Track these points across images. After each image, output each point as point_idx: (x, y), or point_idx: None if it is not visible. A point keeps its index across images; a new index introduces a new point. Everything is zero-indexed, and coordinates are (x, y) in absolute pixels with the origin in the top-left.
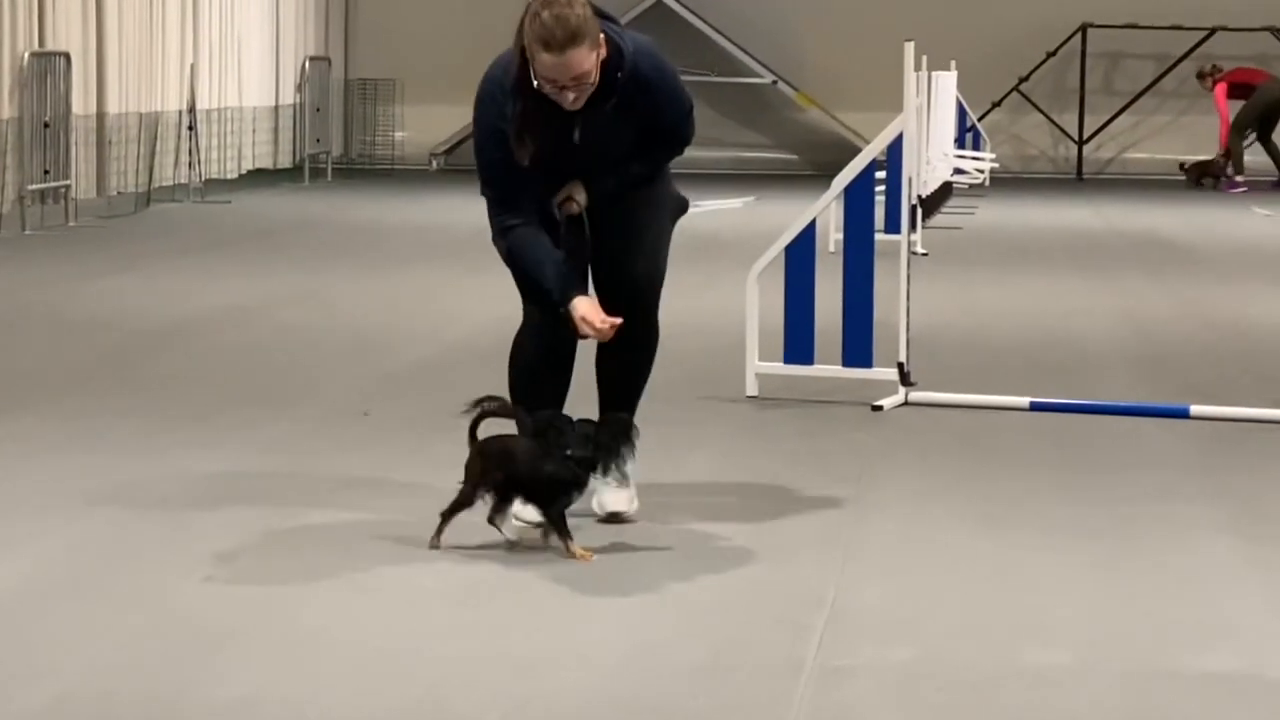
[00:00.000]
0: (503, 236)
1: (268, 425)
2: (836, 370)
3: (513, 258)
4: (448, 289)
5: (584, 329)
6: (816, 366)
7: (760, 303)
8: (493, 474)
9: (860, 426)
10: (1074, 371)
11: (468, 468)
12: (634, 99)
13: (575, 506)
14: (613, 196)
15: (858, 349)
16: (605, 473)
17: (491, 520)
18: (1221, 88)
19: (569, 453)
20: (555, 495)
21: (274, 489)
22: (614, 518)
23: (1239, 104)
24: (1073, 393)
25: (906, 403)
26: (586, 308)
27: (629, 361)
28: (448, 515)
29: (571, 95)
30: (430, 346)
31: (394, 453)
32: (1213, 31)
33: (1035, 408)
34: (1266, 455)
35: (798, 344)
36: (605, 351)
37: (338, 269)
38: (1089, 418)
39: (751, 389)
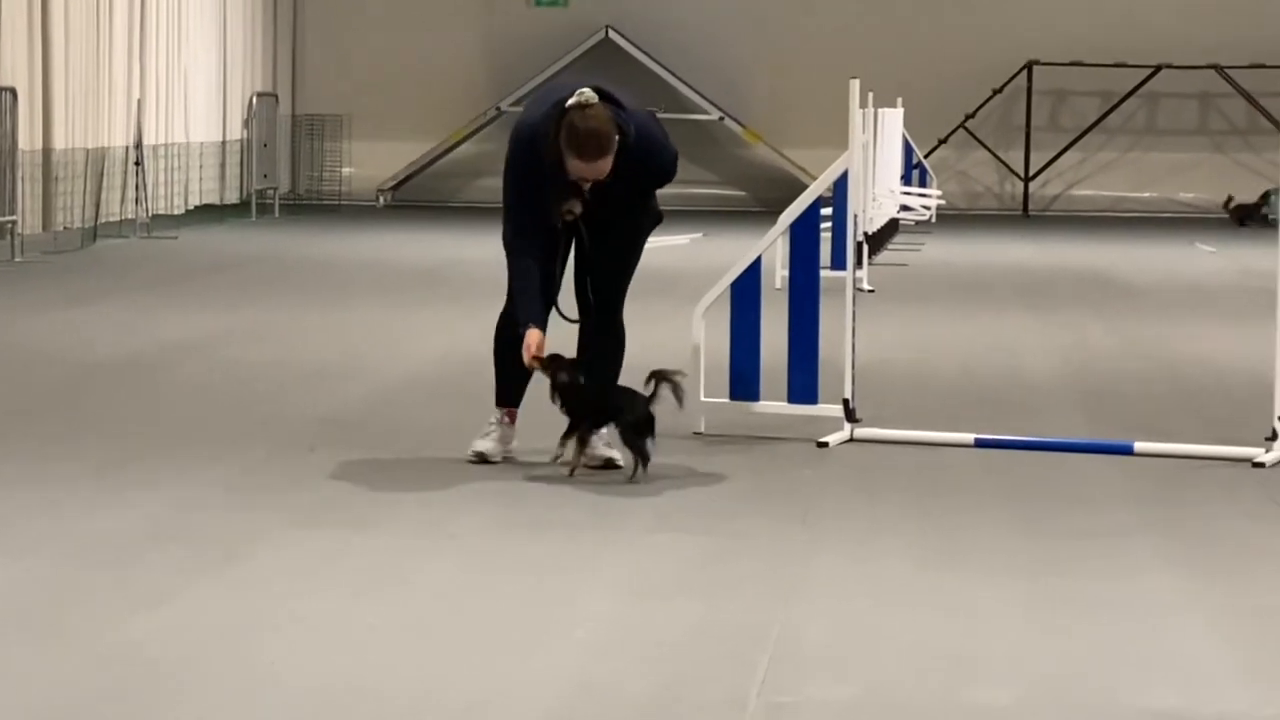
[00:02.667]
0: (511, 261)
1: (214, 461)
2: (782, 407)
3: (511, 279)
4: (394, 324)
5: (524, 352)
6: (762, 403)
7: (707, 339)
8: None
9: (806, 463)
10: (1019, 408)
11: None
12: (633, 167)
13: None
14: (609, 218)
15: (803, 385)
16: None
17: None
18: None
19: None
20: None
21: (221, 525)
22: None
23: None
24: (1018, 429)
25: (852, 439)
26: (533, 339)
27: (604, 347)
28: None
29: (589, 184)
30: (376, 382)
31: (340, 489)
32: (1157, 69)
33: (980, 444)
34: (1210, 492)
35: (744, 380)
36: (584, 341)
37: (284, 304)
38: (1034, 454)
39: (698, 425)
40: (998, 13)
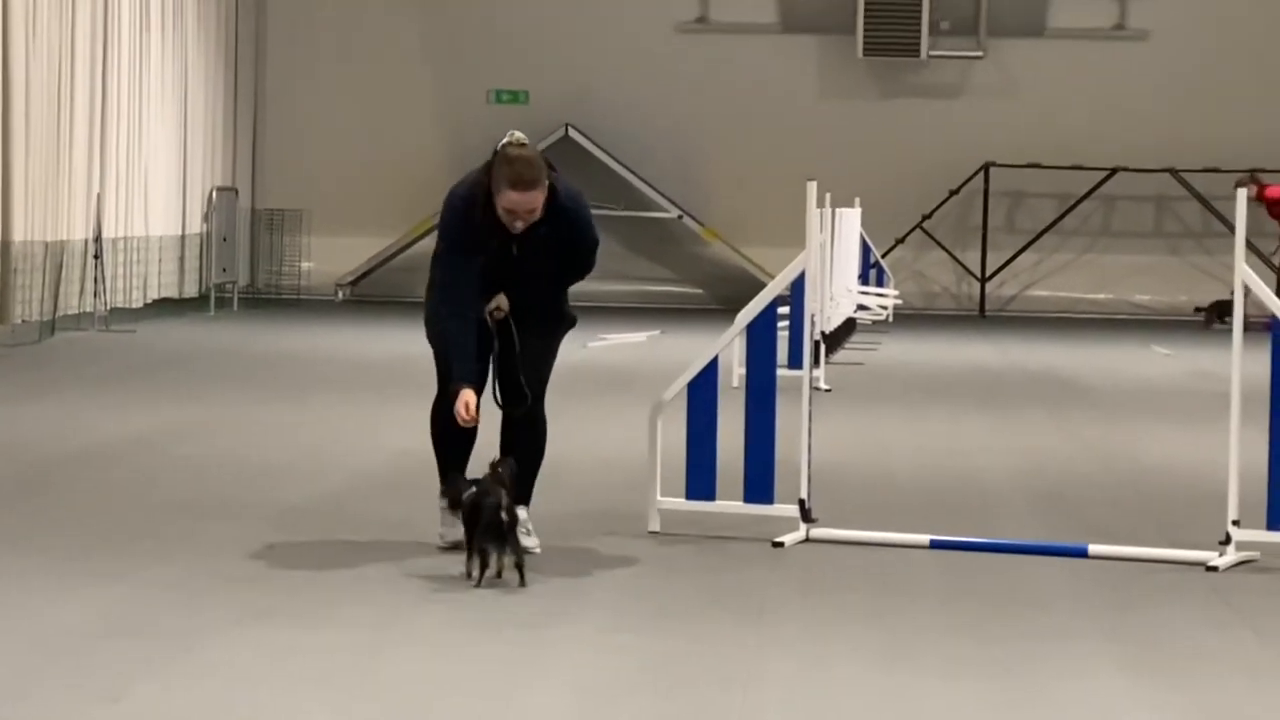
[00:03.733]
0: (440, 319)
1: (169, 556)
2: (738, 506)
3: (441, 337)
4: (351, 420)
5: (457, 409)
6: (718, 502)
7: (663, 437)
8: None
9: (761, 563)
10: (974, 509)
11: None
12: (559, 227)
13: None
14: (527, 306)
15: (759, 485)
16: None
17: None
18: (1275, 190)
19: None
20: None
21: (176, 621)
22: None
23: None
24: (972, 531)
25: (808, 539)
26: (468, 397)
27: (527, 440)
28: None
29: (520, 224)
30: (332, 477)
31: (295, 584)
32: (1113, 172)
33: (935, 546)
34: (1163, 595)
35: (700, 480)
36: (508, 434)
37: (242, 399)
38: (988, 556)
39: (654, 524)
40: (955, 114)
